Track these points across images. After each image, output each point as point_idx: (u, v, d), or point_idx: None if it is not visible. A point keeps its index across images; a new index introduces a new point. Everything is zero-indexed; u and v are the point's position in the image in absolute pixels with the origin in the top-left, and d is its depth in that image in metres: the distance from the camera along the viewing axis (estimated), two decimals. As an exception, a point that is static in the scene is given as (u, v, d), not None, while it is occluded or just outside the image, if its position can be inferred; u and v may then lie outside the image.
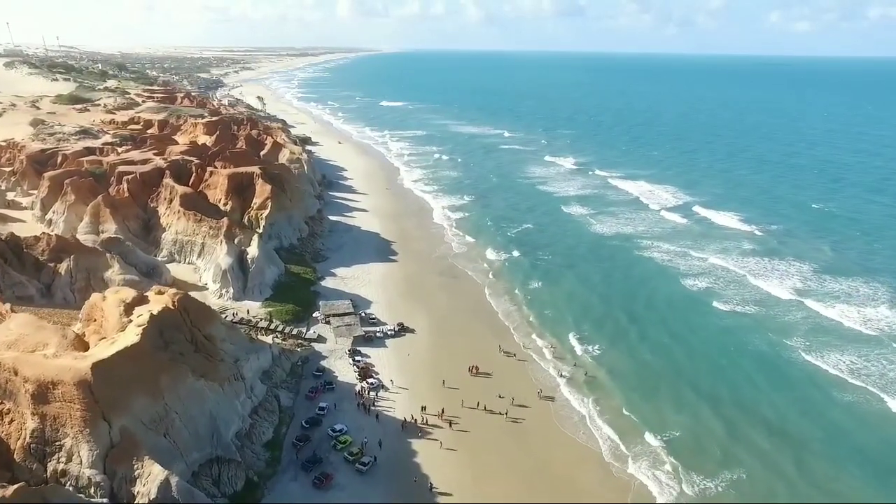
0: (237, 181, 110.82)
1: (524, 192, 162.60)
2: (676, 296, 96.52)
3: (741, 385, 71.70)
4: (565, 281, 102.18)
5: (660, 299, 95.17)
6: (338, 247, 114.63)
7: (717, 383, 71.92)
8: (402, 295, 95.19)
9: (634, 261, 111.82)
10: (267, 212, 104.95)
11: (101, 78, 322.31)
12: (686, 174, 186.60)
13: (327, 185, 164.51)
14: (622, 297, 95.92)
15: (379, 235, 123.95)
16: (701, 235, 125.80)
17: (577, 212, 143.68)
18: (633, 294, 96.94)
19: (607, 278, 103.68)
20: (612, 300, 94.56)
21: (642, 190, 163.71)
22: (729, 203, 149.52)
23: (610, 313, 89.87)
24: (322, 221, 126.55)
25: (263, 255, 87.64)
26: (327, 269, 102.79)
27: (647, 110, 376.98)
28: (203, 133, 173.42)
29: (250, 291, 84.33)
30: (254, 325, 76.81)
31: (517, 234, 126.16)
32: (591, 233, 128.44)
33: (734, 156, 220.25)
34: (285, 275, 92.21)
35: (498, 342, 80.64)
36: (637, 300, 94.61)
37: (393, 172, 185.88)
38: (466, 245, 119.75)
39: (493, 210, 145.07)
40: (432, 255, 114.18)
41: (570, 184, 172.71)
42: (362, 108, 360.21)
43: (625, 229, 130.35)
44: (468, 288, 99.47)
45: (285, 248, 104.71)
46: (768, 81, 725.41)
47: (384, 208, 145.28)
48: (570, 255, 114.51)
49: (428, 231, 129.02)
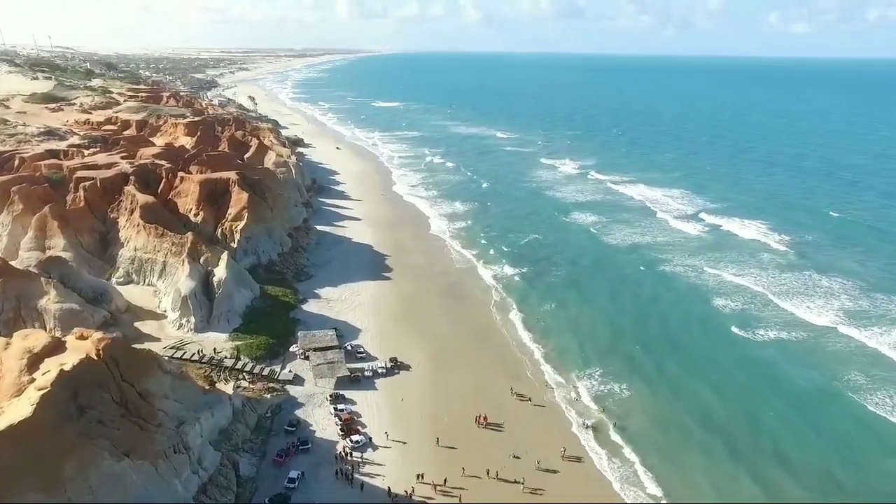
0: (210, 188, 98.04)
1: (525, 199, 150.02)
2: (695, 320, 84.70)
3: (781, 435, 59.48)
4: (579, 302, 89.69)
5: (678, 325, 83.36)
6: (325, 262, 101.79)
7: (755, 434, 59.74)
8: (397, 320, 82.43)
9: (648, 278, 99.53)
10: (243, 223, 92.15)
11: (87, 77, 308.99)
12: (690, 177, 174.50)
13: (318, 190, 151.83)
14: (640, 322, 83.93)
15: (372, 248, 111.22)
16: (714, 247, 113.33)
17: (582, 220, 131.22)
18: (650, 319, 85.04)
19: (622, 299, 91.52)
20: (630, 326, 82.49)
21: (647, 195, 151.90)
22: (739, 210, 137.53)
23: (630, 342, 77.84)
24: (309, 232, 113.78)
25: (233, 276, 74.83)
26: (311, 289, 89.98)
27: (645, 111, 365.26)
28: (184, 134, 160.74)
29: (216, 321, 71.45)
30: (216, 365, 63.99)
31: (522, 246, 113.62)
32: (600, 245, 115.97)
33: (737, 157, 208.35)
34: (260, 298, 79.40)
35: (509, 382, 67.92)
36: (656, 326, 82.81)
37: (388, 176, 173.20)
38: (468, 259, 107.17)
39: (494, 218, 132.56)
40: (431, 271, 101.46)
41: (573, 189, 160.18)
42: (358, 109, 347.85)
43: (634, 240, 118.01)
44: (472, 311, 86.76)
45: (263, 264, 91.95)
46: (767, 82, 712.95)
47: (378, 216, 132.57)
48: (582, 271, 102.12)
49: (425, 242, 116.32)
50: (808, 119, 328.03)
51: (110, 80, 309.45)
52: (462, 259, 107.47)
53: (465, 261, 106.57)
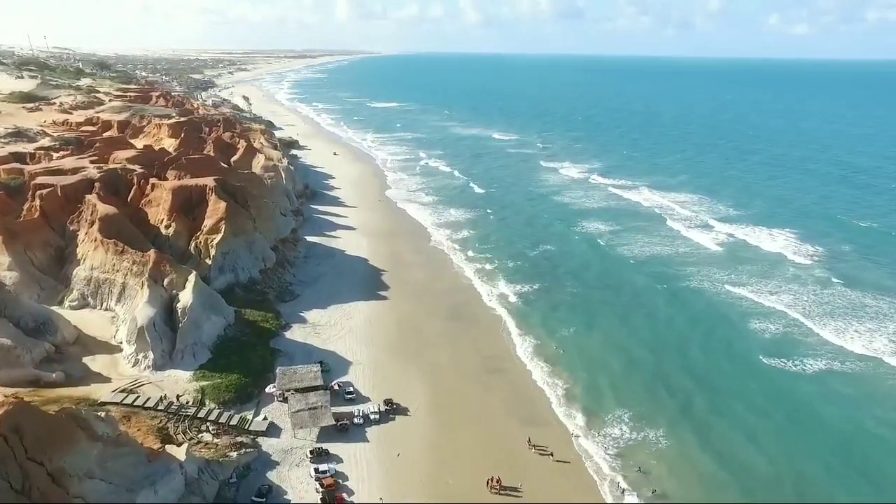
0: (185, 197, 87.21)
1: (529, 205, 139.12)
2: (722, 348, 74.74)
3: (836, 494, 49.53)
4: (599, 326, 79.30)
5: (705, 354, 73.33)
6: (313, 279, 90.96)
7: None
8: (393, 350, 71.61)
9: (667, 298, 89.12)
10: (219, 237, 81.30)
11: (76, 76, 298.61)
12: (696, 181, 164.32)
13: (310, 196, 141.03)
14: (666, 350, 74.04)
15: (366, 262, 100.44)
16: (732, 261, 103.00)
17: (591, 229, 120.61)
18: (675, 346, 75.16)
19: (644, 321, 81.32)
20: (657, 355, 72.63)
21: (655, 201, 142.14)
22: (752, 217, 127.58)
23: (659, 376, 68.06)
24: (297, 244, 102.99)
25: (201, 301, 64.01)
26: (296, 311, 79.17)
27: (645, 111, 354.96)
28: (168, 136, 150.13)
29: (179, 356, 60.61)
30: (175, 413, 53.13)
31: (530, 260, 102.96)
32: (612, 258, 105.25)
33: (743, 159, 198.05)
34: (235, 326, 68.60)
35: (526, 429, 57.21)
36: (682, 355, 72.95)
37: (386, 181, 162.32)
38: (472, 274, 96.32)
39: (497, 227, 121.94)
40: (431, 288, 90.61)
41: (577, 194, 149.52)
42: (356, 110, 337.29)
43: (648, 253, 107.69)
44: (479, 337, 75.90)
45: (242, 283, 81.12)
46: (768, 83, 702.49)
47: (374, 225, 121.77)
48: (597, 289, 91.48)
49: (425, 255, 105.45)
50: (812, 120, 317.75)
51: (100, 79, 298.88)
52: (466, 274, 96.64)
53: (469, 276, 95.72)
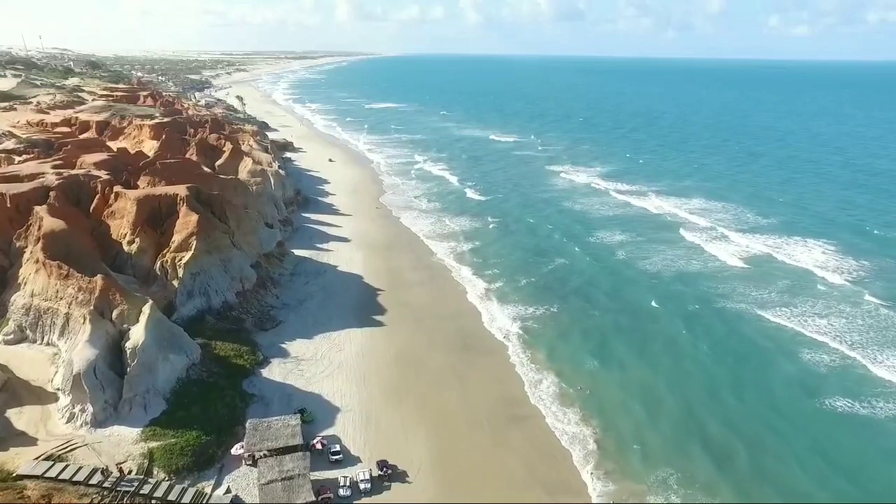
0: (152, 207, 76.12)
1: (535, 214, 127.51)
2: (778, 388, 63.89)
3: None
4: (627, 358, 68.61)
5: (758, 395, 62.90)
6: (299, 301, 79.76)
7: None
8: (390, 393, 60.51)
9: (693, 321, 78.55)
10: (188, 255, 70.20)
11: (64, 76, 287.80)
12: (705, 185, 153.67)
13: (302, 203, 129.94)
14: (706, 387, 64.06)
15: (361, 280, 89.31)
16: (759, 279, 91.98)
17: (604, 242, 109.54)
18: (716, 381, 64.99)
19: (679, 352, 70.96)
20: (698, 395, 62.43)
21: (666, 209, 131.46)
22: (773, 228, 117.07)
23: (704, 422, 57.56)
24: (283, 260, 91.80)
25: (157, 339, 52.88)
26: (277, 342, 68.09)
27: (647, 112, 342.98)
28: (149, 137, 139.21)
29: (126, 408, 49.44)
30: (110, 490, 41.99)
31: (541, 276, 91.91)
32: (629, 275, 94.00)
33: (752, 162, 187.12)
34: (201, 364, 57.42)
35: (553, 499, 46.12)
36: (727, 392, 62.85)
37: (384, 187, 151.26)
38: (479, 294, 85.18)
39: (504, 238, 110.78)
40: (434, 311, 79.47)
41: (585, 202, 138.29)
42: (355, 111, 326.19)
43: (665, 268, 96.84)
44: (490, 374, 64.77)
45: (215, 309, 69.99)
46: (770, 84, 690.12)
47: (371, 236, 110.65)
48: (620, 312, 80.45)
49: (426, 271, 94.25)
50: (821, 121, 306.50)
51: (89, 79, 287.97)
52: (470, 294, 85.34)
53: (475, 297, 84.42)
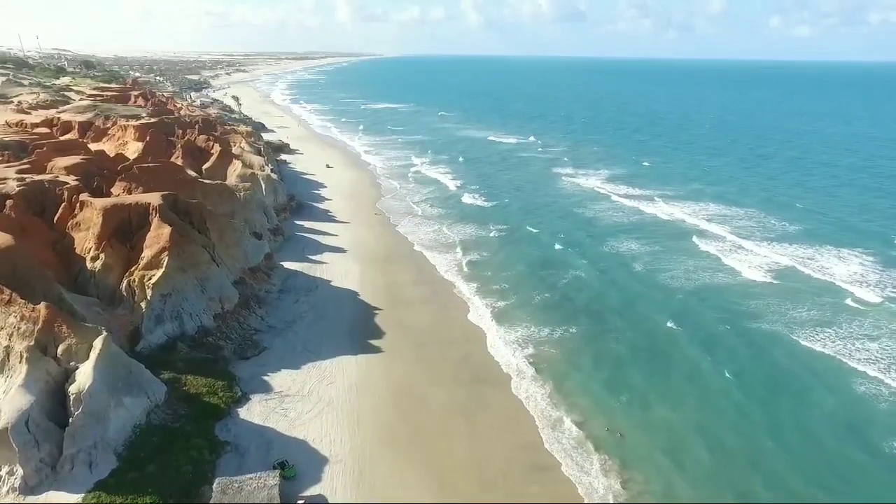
0: (120, 218, 67.71)
1: (542, 221, 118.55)
2: (826, 433, 54.71)
3: None
4: (652, 394, 59.98)
5: (819, 445, 53.26)
6: (287, 324, 71.29)
7: None
8: (388, 438, 52.00)
9: (726, 346, 69.65)
10: (159, 273, 61.78)
11: (56, 75, 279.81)
12: (715, 189, 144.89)
13: (295, 209, 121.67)
14: (753, 429, 54.25)
15: (357, 297, 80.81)
16: (788, 297, 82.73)
17: (617, 251, 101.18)
18: (768, 422, 55.21)
19: (707, 385, 61.89)
20: (744, 437, 53.17)
21: (677, 216, 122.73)
22: (791, 236, 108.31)
23: (754, 483, 47.97)
24: (271, 274, 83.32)
25: (108, 380, 44.43)
26: (259, 373, 59.62)
27: (649, 113, 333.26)
28: (134, 139, 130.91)
29: (66, 467, 40.88)
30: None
31: (553, 292, 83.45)
32: (648, 289, 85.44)
33: (761, 164, 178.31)
34: (164, 406, 48.94)
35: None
36: (774, 441, 52.98)
37: (384, 191, 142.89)
38: (487, 315, 76.51)
39: (510, 248, 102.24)
40: (438, 336, 70.98)
41: (592, 207, 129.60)
42: (355, 112, 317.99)
43: (685, 284, 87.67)
44: (503, 414, 56.25)
45: (189, 335, 61.56)
46: (772, 85, 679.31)
47: (369, 246, 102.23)
48: (641, 334, 72.08)
49: (429, 287, 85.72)
50: (825, 122, 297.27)
51: (81, 78, 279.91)
52: (476, 312, 76.86)
53: (481, 316, 75.92)
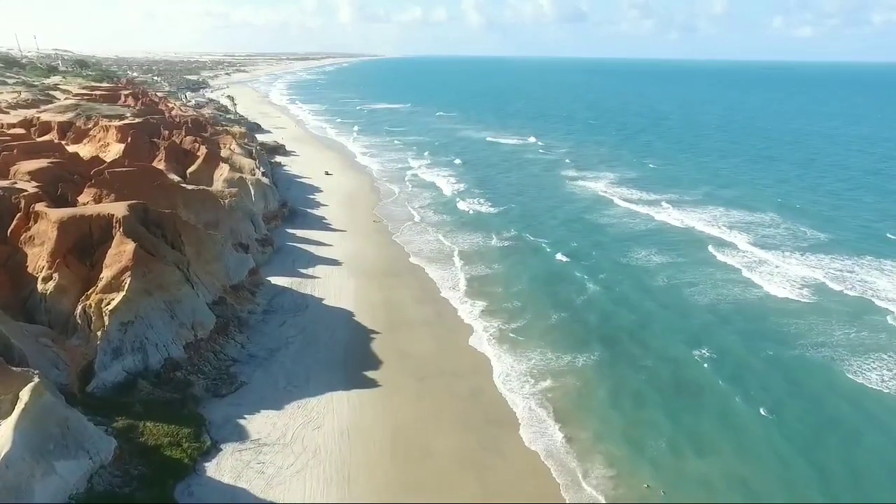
0: (80, 232, 59.11)
1: (547, 229, 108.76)
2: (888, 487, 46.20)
3: None
4: (681, 439, 49.91)
5: None
6: (270, 352, 62.53)
7: None
8: (382, 498, 43.32)
9: (754, 378, 58.98)
10: (119, 297, 53.18)
11: (47, 74, 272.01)
12: (726, 194, 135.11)
13: (288, 216, 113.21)
14: (792, 493, 44.52)
15: (352, 319, 72.10)
16: (824, 318, 71.56)
17: (628, 265, 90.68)
18: (809, 482, 45.26)
19: (743, 427, 51.45)
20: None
21: (689, 222, 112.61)
22: (814, 246, 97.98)
23: None
24: (256, 293, 74.62)
25: (33, 442, 35.71)
26: (233, 415, 50.92)
27: (651, 114, 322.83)
28: (116, 140, 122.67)
29: (-27, 560, 32.47)
30: None
31: (563, 312, 73.35)
32: (666, 310, 74.67)
33: (771, 167, 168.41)
34: (112, 466, 40.28)
35: None
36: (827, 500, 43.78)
37: (382, 196, 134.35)
38: (497, 339, 67.55)
39: (515, 260, 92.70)
40: (441, 367, 62.07)
41: (599, 214, 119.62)
42: (355, 113, 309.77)
43: (706, 301, 77.26)
44: (520, 465, 47.35)
45: (154, 370, 52.90)
46: (774, 85, 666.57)
47: (366, 258, 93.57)
48: (661, 364, 62.01)
49: (431, 307, 76.77)
50: (832, 122, 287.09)
51: (72, 77, 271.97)
52: (486, 339, 67.63)
53: (492, 343, 66.89)
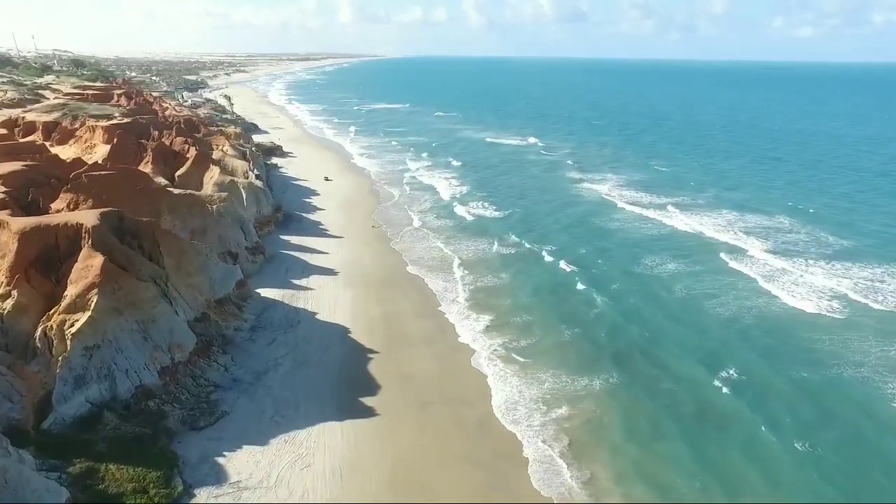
0: (43, 244, 53.38)
1: (550, 235, 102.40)
2: None
3: None
4: (711, 482, 43.95)
5: None
6: (256, 375, 56.60)
7: None
8: (378, 557, 37.58)
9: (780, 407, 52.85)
10: (84, 318, 47.39)
11: (40, 73, 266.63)
12: (734, 195, 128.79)
13: (283, 221, 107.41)
14: None
15: (348, 334, 66.20)
16: (853, 335, 65.62)
17: (637, 275, 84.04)
18: None
19: (775, 468, 45.45)
20: None
21: (697, 227, 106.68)
22: (835, 255, 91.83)
23: None
24: (244, 307, 68.63)
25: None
26: (211, 453, 44.96)
27: (652, 114, 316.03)
28: (103, 141, 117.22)
29: None
30: None
31: (582, 331, 67.13)
32: (680, 326, 68.33)
33: (779, 168, 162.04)
34: (63, 524, 34.54)
35: None
36: None
37: (381, 198, 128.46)
38: (504, 359, 61.56)
39: (518, 268, 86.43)
40: (447, 390, 56.33)
41: (603, 218, 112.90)
42: (355, 113, 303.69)
43: (723, 317, 71.13)
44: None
45: (123, 399, 47.02)
46: (775, 85, 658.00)
47: (364, 266, 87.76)
48: (679, 388, 56.01)
49: (434, 320, 70.85)
50: (837, 122, 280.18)
51: (66, 76, 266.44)
52: (491, 360, 61.28)
53: (499, 365, 60.53)
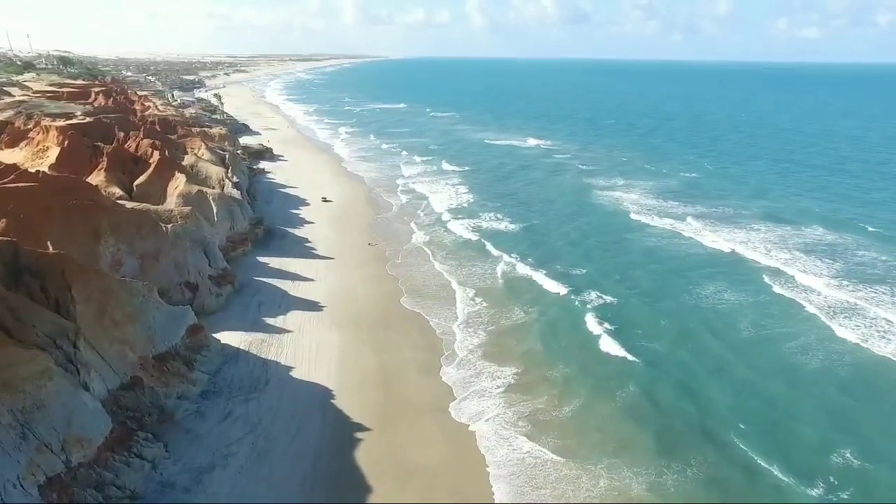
0: None
1: (565, 257, 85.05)
2: None
3: None
4: None
5: None
6: (197, 475, 39.93)
7: None
8: None
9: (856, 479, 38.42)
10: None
11: (21, 71, 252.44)
12: (760, 204, 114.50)
13: (262, 238, 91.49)
14: None
15: (331, 400, 49.95)
16: None
17: (680, 311, 67.28)
18: None
19: None
20: None
21: (726, 245, 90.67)
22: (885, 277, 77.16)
23: None
24: (194, 362, 52.36)
25: None
26: None
27: (656, 114, 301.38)
28: (56, 143, 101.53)
29: None
30: None
31: (619, 401, 50.57)
32: (751, 394, 51.42)
33: (797, 173, 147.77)
34: None
35: None
36: None
37: (379, 208, 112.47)
38: (533, 442, 45.36)
39: (545, 311, 68.60)
40: (459, 492, 40.32)
41: (619, 234, 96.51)
42: (355, 114, 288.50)
43: (776, 359, 56.52)
44: None
45: (-25, 542, 31.12)
46: (779, 85, 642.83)
47: (358, 298, 71.50)
48: (814, 478, 40.79)
49: (441, 380, 54.75)
50: (848, 123, 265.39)
51: (47, 74, 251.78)
52: (522, 445, 45.34)
53: (531, 452, 44.26)
